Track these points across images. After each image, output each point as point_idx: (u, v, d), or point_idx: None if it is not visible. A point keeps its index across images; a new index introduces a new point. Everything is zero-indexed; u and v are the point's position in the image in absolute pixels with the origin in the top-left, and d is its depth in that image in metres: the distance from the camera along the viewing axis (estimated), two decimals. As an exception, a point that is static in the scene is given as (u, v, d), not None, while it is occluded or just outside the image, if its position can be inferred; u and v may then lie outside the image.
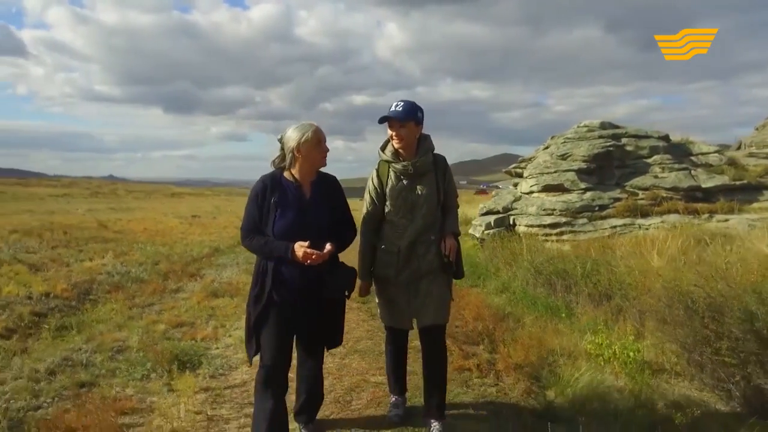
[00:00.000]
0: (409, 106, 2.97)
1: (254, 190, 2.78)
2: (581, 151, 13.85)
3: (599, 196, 12.68)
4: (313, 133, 2.72)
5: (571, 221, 12.52)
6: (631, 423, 2.83)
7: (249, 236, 2.73)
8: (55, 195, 45.49)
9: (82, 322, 5.39)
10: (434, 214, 3.04)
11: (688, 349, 3.51)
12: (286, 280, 2.68)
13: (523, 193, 14.94)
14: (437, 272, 3.01)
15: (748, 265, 4.91)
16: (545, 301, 5.85)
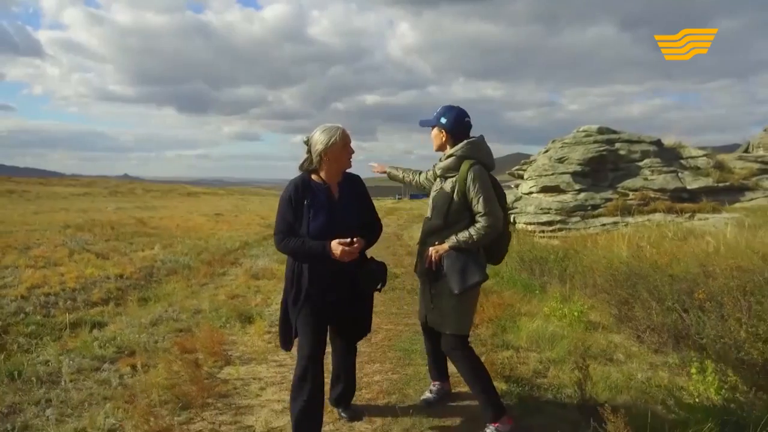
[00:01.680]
0: (437, 112, 3.12)
1: (286, 193, 2.85)
2: (577, 155, 15.03)
3: (592, 197, 13.92)
4: (340, 137, 2.78)
5: (565, 219, 13.81)
6: (561, 348, 4.21)
7: (284, 239, 2.79)
8: (76, 194, 46.92)
9: (156, 295, 6.83)
10: (440, 219, 3.02)
11: (613, 307, 4.89)
12: (321, 278, 2.77)
13: (523, 194, 16.20)
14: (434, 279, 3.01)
15: (682, 252, 6.28)
16: (525, 281, 7.21)
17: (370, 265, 2.90)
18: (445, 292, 2.96)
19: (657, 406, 3.07)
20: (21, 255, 8.95)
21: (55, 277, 7.28)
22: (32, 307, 5.76)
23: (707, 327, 3.80)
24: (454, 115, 3.06)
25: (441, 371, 3.42)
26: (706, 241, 7.54)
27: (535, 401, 3.28)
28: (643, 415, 2.87)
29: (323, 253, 2.68)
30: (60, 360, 4.05)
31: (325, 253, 2.67)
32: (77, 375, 3.78)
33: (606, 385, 3.44)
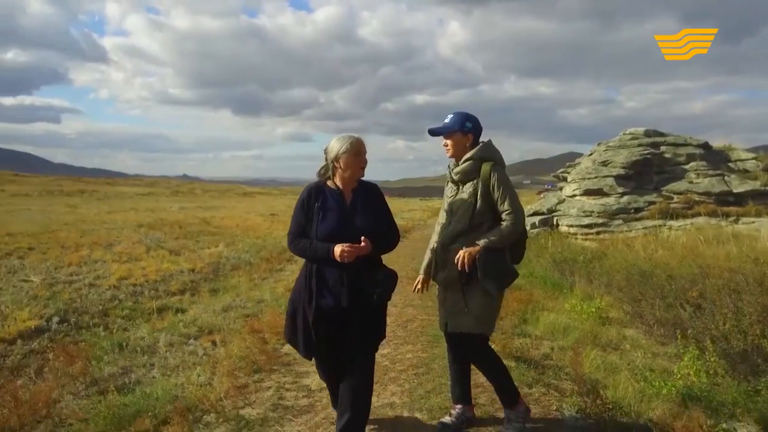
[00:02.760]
0: (457, 118, 3.11)
1: (300, 198, 2.95)
2: (621, 158, 15.21)
3: (635, 200, 14.10)
4: (351, 145, 2.85)
5: (607, 222, 14.06)
6: (572, 337, 4.85)
7: (295, 241, 2.89)
8: (140, 194, 49.72)
9: (224, 287, 7.84)
10: (465, 222, 3.01)
11: (626, 303, 5.47)
12: (329, 281, 2.80)
13: (566, 197, 16.51)
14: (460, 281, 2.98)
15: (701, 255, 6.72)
16: (555, 281, 7.78)
17: (377, 274, 2.86)
18: (478, 294, 2.95)
19: (639, 383, 3.68)
20: (106, 251, 10.24)
21: (137, 270, 8.42)
22: (124, 295, 6.86)
23: (698, 321, 4.35)
24: (476, 119, 3.14)
25: (465, 392, 3.27)
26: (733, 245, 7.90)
27: (538, 376, 3.95)
28: (623, 388, 3.53)
29: (327, 254, 2.73)
30: (154, 336, 5.04)
31: (329, 255, 2.73)
32: (170, 347, 4.74)
33: (601, 367, 4.07)
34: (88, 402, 3.51)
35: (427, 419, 3.27)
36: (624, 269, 6.03)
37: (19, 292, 6.66)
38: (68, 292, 6.74)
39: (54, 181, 59.94)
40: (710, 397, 3.50)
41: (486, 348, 3.11)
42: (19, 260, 9.00)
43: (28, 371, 4.25)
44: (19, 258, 9.22)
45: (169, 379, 3.83)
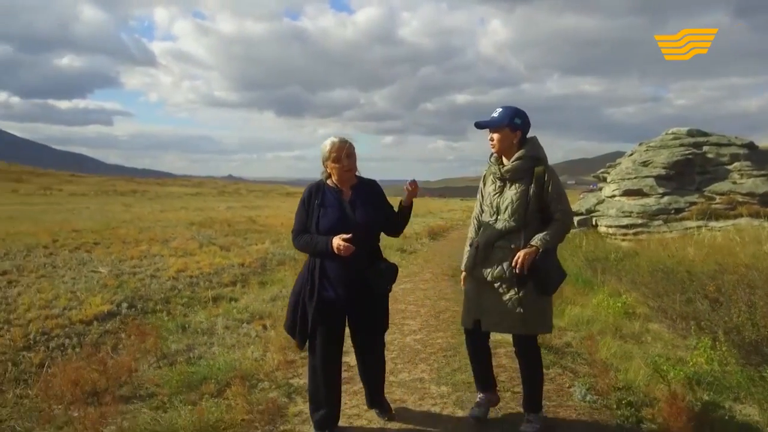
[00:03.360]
0: (506, 112, 3.03)
1: (302, 197, 3.14)
2: (662, 158, 15.14)
3: (676, 201, 14.04)
4: (329, 151, 3.02)
5: (647, 223, 14.05)
6: (594, 329, 5.16)
7: (299, 236, 3.05)
8: (189, 193, 51.57)
9: (271, 280, 8.43)
10: (518, 221, 2.95)
11: (650, 299, 5.73)
12: (331, 274, 2.95)
13: (606, 197, 16.51)
14: (513, 284, 2.91)
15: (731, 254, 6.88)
16: (587, 278, 8.04)
17: (379, 265, 3.02)
18: (533, 295, 2.90)
19: (649, 369, 3.99)
20: (163, 246, 11.04)
21: (193, 264, 9.12)
22: (182, 286, 7.52)
23: (714, 314, 4.62)
24: (526, 115, 3.06)
25: (491, 380, 3.34)
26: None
27: (557, 359, 4.31)
28: (633, 371, 3.86)
29: (326, 247, 2.86)
30: (212, 320, 5.64)
31: (327, 248, 2.86)
32: (226, 330, 5.31)
33: (618, 354, 4.40)
34: (160, 372, 4.09)
35: (451, 391, 3.69)
36: (649, 266, 6.27)
37: (91, 281, 7.42)
38: (133, 282, 7.45)
39: (108, 181, 62.86)
40: (717, 381, 3.79)
41: (537, 349, 3.14)
42: (87, 253, 9.86)
43: (106, 347, 4.89)
44: (86, 251, 10.09)
45: (228, 354, 4.38)
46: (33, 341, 4.93)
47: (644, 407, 3.28)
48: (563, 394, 3.62)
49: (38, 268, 8.18)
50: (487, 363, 3.29)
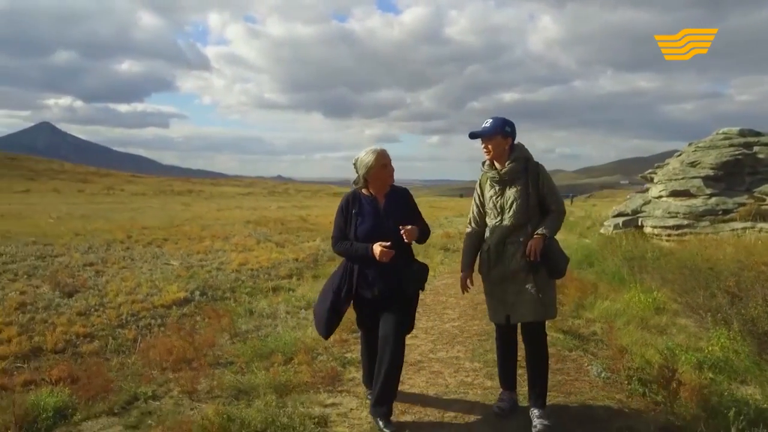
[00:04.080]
0: (497, 122, 3.29)
1: (339, 206, 3.34)
2: (710, 159, 14.96)
3: (724, 202, 13.90)
4: (376, 160, 3.21)
5: (693, 224, 13.97)
6: (621, 320, 5.58)
7: (338, 242, 3.30)
8: (241, 193, 53.41)
9: (323, 273, 9.13)
10: (523, 216, 3.22)
11: (678, 295, 6.10)
12: (368, 277, 3.19)
13: (652, 198, 16.45)
14: (529, 272, 3.17)
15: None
16: (622, 276, 8.37)
17: (413, 266, 3.30)
18: (545, 282, 3.19)
19: (665, 354, 4.41)
20: (224, 243, 12.01)
21: (252, 258, 9.97)
22: (245, 277, 8.35)
23: (732, 307, 4.97)
24: (513, 124, 3.34)
25: (514, 380, 3.52)
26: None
27: (581, 345, 4.79)
28: (650, 355, 4.30)
29: (366, 253, 3.11)
30: (274, 306, 6.37)
31: (368, 254, 3.10)
32: (287, 314, 6.03)
33: (639, 341, 4.82)
34: (236, 346, 4.83)
35: (482, 366, 4.25)
36: (678, 264, 6.60)
37: (165, 272, 8.35)
38: (202, 273, 8.33)
39: (165, 181, 65.83)
40: (726, 366, 4.20)
41: (546, 336, 3.37)
42: (158, 248, 10.91)
43: (185, 327, 5.68)
44: (157, 246, 11.15)
45: (291, 333, 5.07)
46: (125, 321, 5.80)
47: (653, 384, 3.74)
48: (581, 371, 4.11)
49: (119, 260, 9.21)
50: (514, 359, 3.49)
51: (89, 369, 4.15)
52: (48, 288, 6.81)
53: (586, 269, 9.93)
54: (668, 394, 3.33)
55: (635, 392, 3.61)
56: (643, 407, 3.42)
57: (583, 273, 9.17)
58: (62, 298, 6.39)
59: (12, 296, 6.35)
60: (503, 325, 3.38)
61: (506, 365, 3.50)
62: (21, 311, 5.81)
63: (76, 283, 7.13)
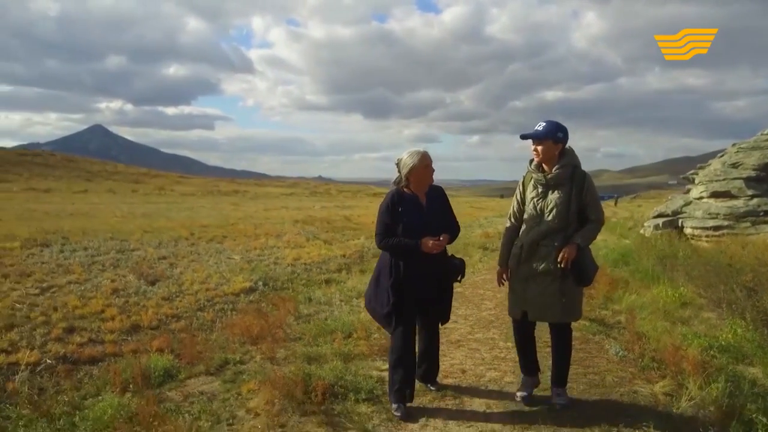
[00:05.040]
0: (550, 127, 3.39)
1: (385, 203, 3.52)
2: (752, 160, 14.98)
3: (765, 203, 13.94)
4: (420, 161, 3.45)
5: (733, 224, 14.07)
6: (645, 311, 6.10)
7: (384, 238, 3.47)
8: (284, 194, 54.82)
9: (369, 268, 9.84)
10: (561, 222, 3.34)
11: (703, 289, 6.56)
12: (414, 270, 3.41)
13: (693, 199, 16.52)
14: (556, 276, 3.32)
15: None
16: (656, 274, 8.79)
17: (453, 260, 3.61)
18: (572, 286, 3.36)
19: (679, 338, 4.94)
20: (277, 240, 12.94)
21: (304, 254, 10.83)
22: (299, 271, 9.18)
23: (748, 300, 5.45)
24: (566, 130, 3.42)
25: (534, 365, 3.71)
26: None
27: (604, 330, 5.37)
28: (665, 340, 4.85)
29: (416, 247, 3.33)
30: (329, 296, 7.16)
31: (417, 247, 3.33)
32: (341, 302, 6.80)
33: (658, 329, 5.35)
34: (301, 326, 5.62)
35: (514, 346, 4.87)
36: (703, 261, 7.04)
37: (229, 265, 9.27)
38: (261, 267, 9.21)
39: (211, 182, 68.15)
40: (735, 350, 4.71)
41: (571, 332, 3.61)
42: (219, 244, 11.91)
43: (258, 310, 6.51)
44: (218, 243, 12.16)
45: (347, 316, 5.83)
46: (203, 305, 6.68)
47: (662, 361, 4.30)
48: (601, 351, 4.72)
49: (187, 254, 10.23)
50: (533, 349, 3.69)
51: (182, 342, 5.00)
52: (133, 277, 7.79)
53: (621, 268, 10.34)
54: (673, 366, 3.90)
55: (646, 367, 4.20)
56: (651, 378, 4.01)
57: (617, 271, 9.62)
58: (147, 286, 7.35)
59: (105, 284, 7.35)
60: (519, 320, 3.57)
61: (526, 355, 3.68)
62: (116, 296, 6.77)
63: (155, 273, 8.11)
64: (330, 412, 3.35)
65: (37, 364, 4.41)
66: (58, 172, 57.55)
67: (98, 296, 6.57)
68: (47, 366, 4.40)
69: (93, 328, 5.43)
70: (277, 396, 3.42)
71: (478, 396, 3.74)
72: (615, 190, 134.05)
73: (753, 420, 3.05)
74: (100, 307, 6.09)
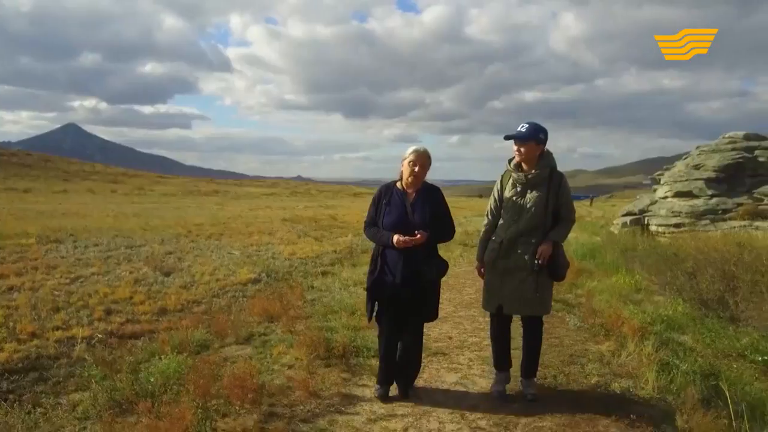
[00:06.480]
0: (532, 128, 3.48)
1: (374, 195, 3.70)
2: (713, 162, 16.14)
3: (724, 202, 15.10)
4: (408, 156, 3.55)
5: (694, 222, 15.21)
6: (603, 294, 7.10)
7: (368, 228, 3.64)
8: (265, 194, 54.95)
9: (359, 262, 10.74)
10: (539, 220, 3.48)
11: (654, 276, 7.60)
12: (390, 262, 3.49)
13: (658, 198, 17.70)
14: (532, 271, 3.45)
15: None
16: (617, 265, 9.85)
17: (434, 260, 3.58)
18: (546, 281, 3.54)
19: (624, 313, 5.92)
20: (271, 237, 13.74)
21: (298, 250, 11.65)
22: (296, 264, 10.02)
23: (687, 282, 6.47)
24: (546, 132, 3.53)
25: (507, 361, 3.79)
26: None
27: (567, 308, 6.36)
28: (614, 314, 5.83)
29: (388, 241, 3.43)
30: (328, 284, 8.02)
31: (389, 241, 3.43)
32: (340, 290, 7.67)
33: (611, 306, 6.32)
34: (309, 307, 6.47)
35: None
36: (653, 252, 8.09)
37: (232, 259, 10.06)
38: (261, 261, 10.02)
39: (191, 182, 67.81)
40: (672, 322, 5.71)
41: (542, 325, 3.76)
42: (217, 241, 12.67)
43: (271, 295, 7.32)
44: (216, 240, 12.92)
45: (349, 299, 6.69)
46: (217, 293, 7.47)
47: (610, 329, 5.27)
48: (563, 323, 5.72)
49: (191, 250, 10.99)
50: (509, 344, 3.80)
51: (211, 319, 5.82)
52: (149, 269, 8.54)
53: (588, 260, 11.41)
54: (617, 331, 4.88)
55: (597, 333, 5.18)
56: (599, 341, 4.98)
57: (584, 263, 10.67)
58: (163, 277, 8.12)
59: (125, 275, 8.10)
60: (496, 315, 3.69)
61: (500, 349, 3.77)
62: (138, 285, 7.54)
63: (168, 266, 8.87)
64: (349, 364, 4.26)
65: (91, 337, 5.19)
66: (35, 171, 56.91)
67: (123, 285, 7.33)
68: (99, 339, 5.18)
69: (128, 311, 6.22)
70: (305, 353, 4.29)
71: (463, 354, 4.66)
72: (591, 190, 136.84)
73: (669, 364, 4.02)
74: (128, 294, 6.87)
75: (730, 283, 5.97)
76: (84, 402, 3.61)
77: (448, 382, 4.05)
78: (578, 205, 35.98)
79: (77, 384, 4.06)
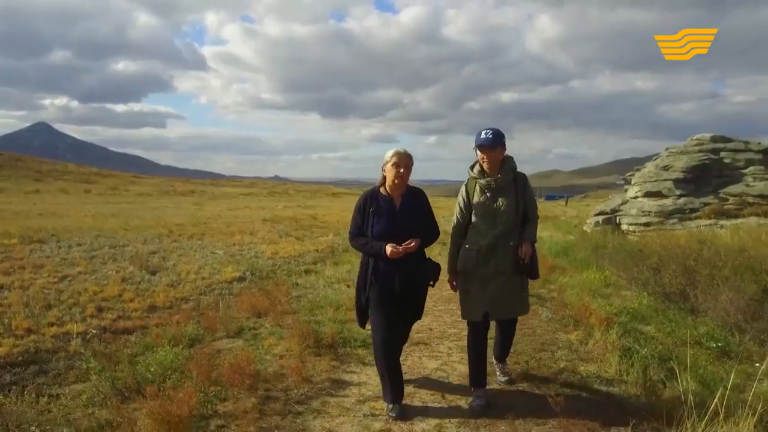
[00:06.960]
0: (498, 134, 3.48)
1: (358, 202, 3.53)
2: (681, 163, 16.80)
3: (691, 201, 15.73)
4: (389, 158, 3.43)
5: (663, 221, 15.84)
6: (574, 288, 7.50)
7: (354, 238, 3.50)
8: (243, 193, 54.59)
9: (341, 261, 11.02)
10: (514, 222, 3.52)
11: (622, 271, 8.03)
12: (383, 272, 3.40)
13: (629, 198, 18.33)
14: (514, 273, 3.49)
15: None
16: (588, 261, 10.30)
17: (426, 264, 3.54)
18: (516, 283, 3.57)
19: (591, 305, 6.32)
20: (252, 237, 13.91)
21: (280, 249, 11.86)
22: (280, 263, 10.23)
23: (652, 277, 6.91)
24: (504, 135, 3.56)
25: (483, 376, 3.69)
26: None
27: (540, 302, 6.73)
28: (583, 306, 6.22)
29: (380, 251, 3.29)
30: (311, 282, 8.27)
31: (381, 252, 3.29)
32: (324, 287, 7.93)
33: (581, 299, 6.72)
34: (294, 304, 6.72)
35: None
36: (626, 250, 8.54)
37: (216, 258, 10.23)
38: (245, 260, 10.22)
39: (166, 182, 67.00)
40: (637, 313, 6.11)
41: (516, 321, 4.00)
42: (199, 241, 12.80)
43: (257, 292, 7.54)
44: (198, 239, 13.04)
45: (328, 298, 6.95)
46: (203, 291, 7.67)
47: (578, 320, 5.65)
48: (535, 315, 6.07)
49: (174, 249, 11.12)
50: (484, 355, 3.70)
51: (200, 315, 6.03)
52: (135, 268, 8.69)
53: (561, 258, 11.87)
54: (585, 321, 5.26)
55: (567, 324, 5.56)
56: (569, 331, 5.36)
57: (557, 260, 11.11)
58: (149, 276, 8.27)
59: (112, 274, 8.24)
60: (479, 322, 3.62)
61: (479, 364, 3.66)
62: (125, 283, 7.69)
63: (153, 265, 9.02)
64: (337, 353, 4.55)
65: (85, 333, 5.37)
66: (6, 171, 55.71)
67: (111, 284, 7.48)
68: (94, 335, 5.36)
69: (118, 308, 6.39)
70: (296, 344, 4.56)
71: (443, 344, 4.99)
72: (566, 191, 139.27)
73: (631, 349, 4.40)
74: (117, 292, 7.03)
75: (691, 277, 6.40)
76: (87, 391, 3.82)
77: (429, 368, 4.38)
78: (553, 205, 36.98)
79: (77, 375, 4.25)
